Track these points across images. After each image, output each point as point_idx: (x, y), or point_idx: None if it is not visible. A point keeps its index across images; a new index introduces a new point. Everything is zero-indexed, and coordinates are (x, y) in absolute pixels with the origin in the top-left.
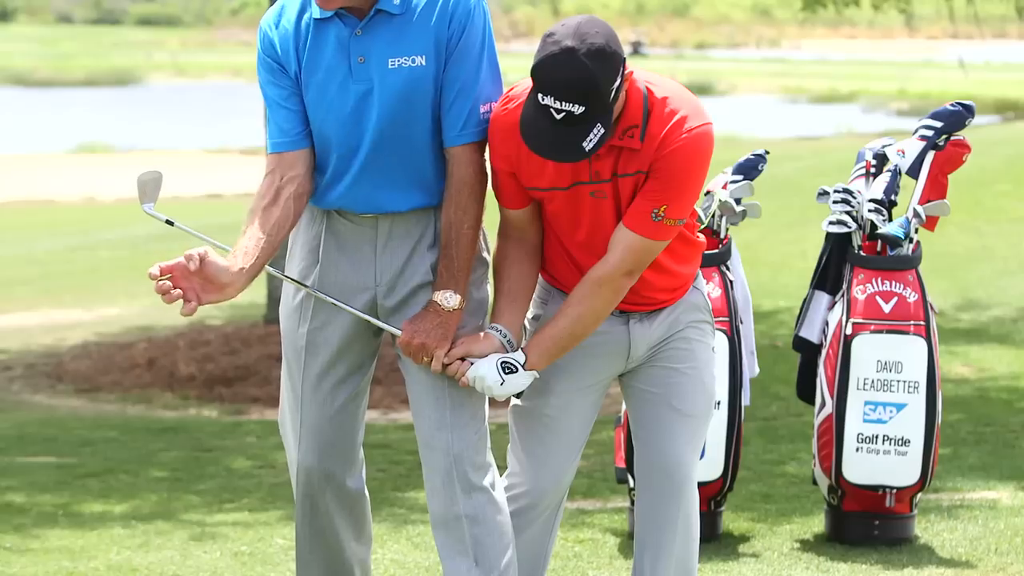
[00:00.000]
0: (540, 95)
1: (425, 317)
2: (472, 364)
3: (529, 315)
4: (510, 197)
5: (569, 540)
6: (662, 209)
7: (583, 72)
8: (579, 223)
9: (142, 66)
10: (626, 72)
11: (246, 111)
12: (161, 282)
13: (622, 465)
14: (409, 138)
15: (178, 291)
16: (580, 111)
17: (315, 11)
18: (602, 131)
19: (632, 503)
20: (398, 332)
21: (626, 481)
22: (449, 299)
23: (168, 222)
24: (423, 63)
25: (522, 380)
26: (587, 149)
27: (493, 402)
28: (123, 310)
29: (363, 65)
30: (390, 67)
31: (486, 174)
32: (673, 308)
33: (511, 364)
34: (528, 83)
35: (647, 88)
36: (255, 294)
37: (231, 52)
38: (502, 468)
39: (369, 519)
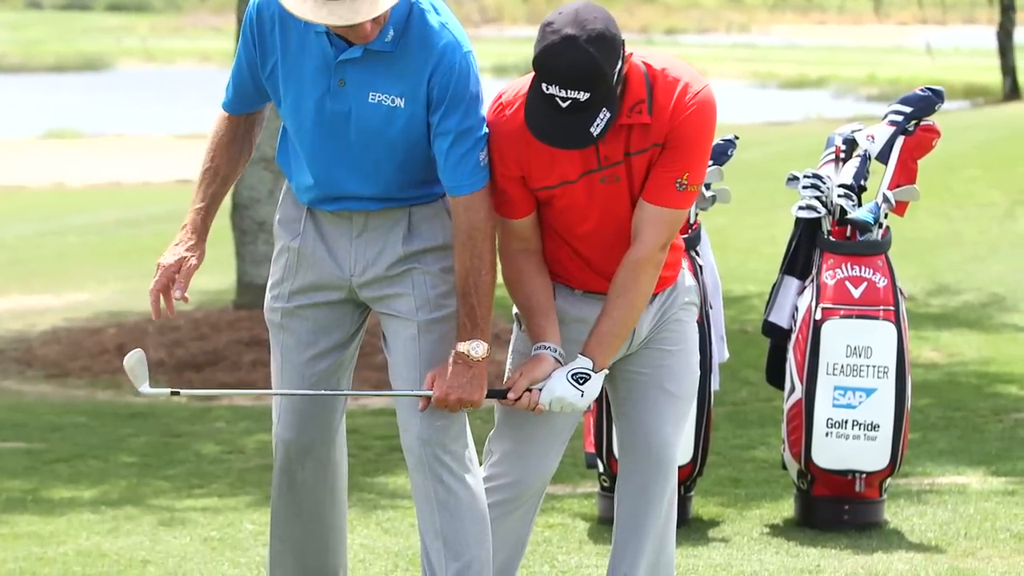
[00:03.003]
0: (544, 85)
1: (455, 371)
2: (540, 391)
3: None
4: (517, 204)
5: (539, 525)
6: (685, 177)
7: (586, 59)
8: (586, 215)
9: (111, 51)
10: (626, 55)
11: (216, 97)
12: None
13: (591, 450)
14: (383, 157)
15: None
16: (586, 98)
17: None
18: (608, 115)
19: (602, 488)
20: (429, 393)
21: (595, 466)
22: (476, 348)
23: (174, 393)
24: (401, 105)
25: (596, 383)
26: (595, 134)
27: None
28: (92, 295)
29: (343, 89)
30: (369, 100)
31: (494, 217)
32: (672, 289)
33: (582, 374)
34: (516, 85)
35: (643, 63)
36: (225, 280)
37: (200, 38)
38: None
39: (345, 493)
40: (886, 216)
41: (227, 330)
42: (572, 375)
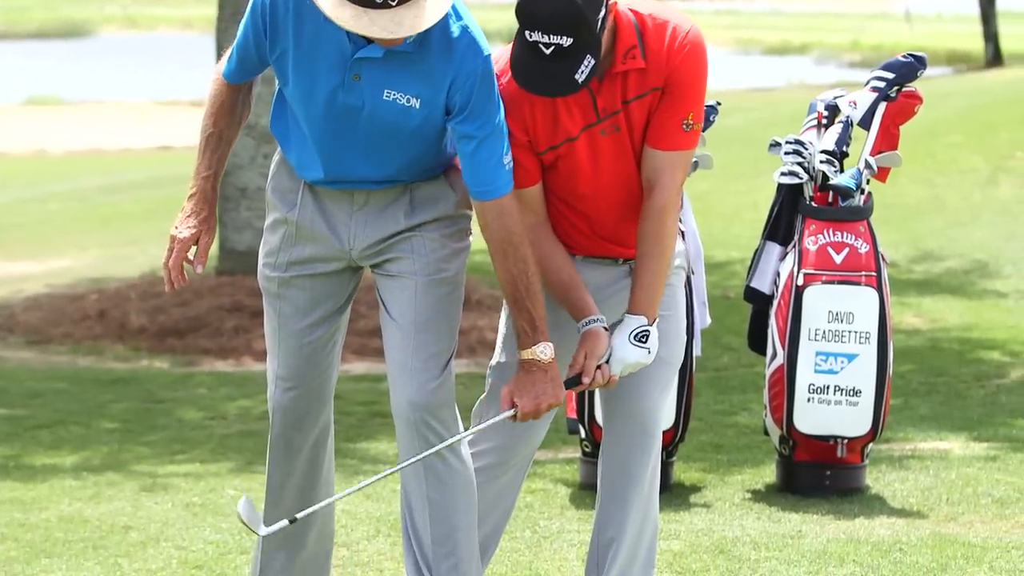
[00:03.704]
0: (528, 32)
1: (533, 379)
2: (608, 363)
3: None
4: (529, 171)
5: (521, 491)
6: (690, 117)
7: (567, 4)
8: (590, 173)
9: (93, 18)
10: (610, 3)
11: (197, 63)
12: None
13: (573, 416)
14: (393, 150)
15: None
16: (569, 43)
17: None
18: (592, 62)
19: (584, 453)
20: (511, 413)
21: (577, 432)
22: (544, 351)
23: (291, 520)
24: (416, 105)
25: (656, 336)
26: (579, 81)
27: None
28: (73, 262)
29: (357, 84)
30: (384, 97)
31: (526, 216)
32: None
33: (641, 332)
34: (506, 52)
35: (629, 9)
36: None
37: (182, 4)
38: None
39: (333, 457)
40: (868, 182)
41: (209, 296)
42: (634, 337)
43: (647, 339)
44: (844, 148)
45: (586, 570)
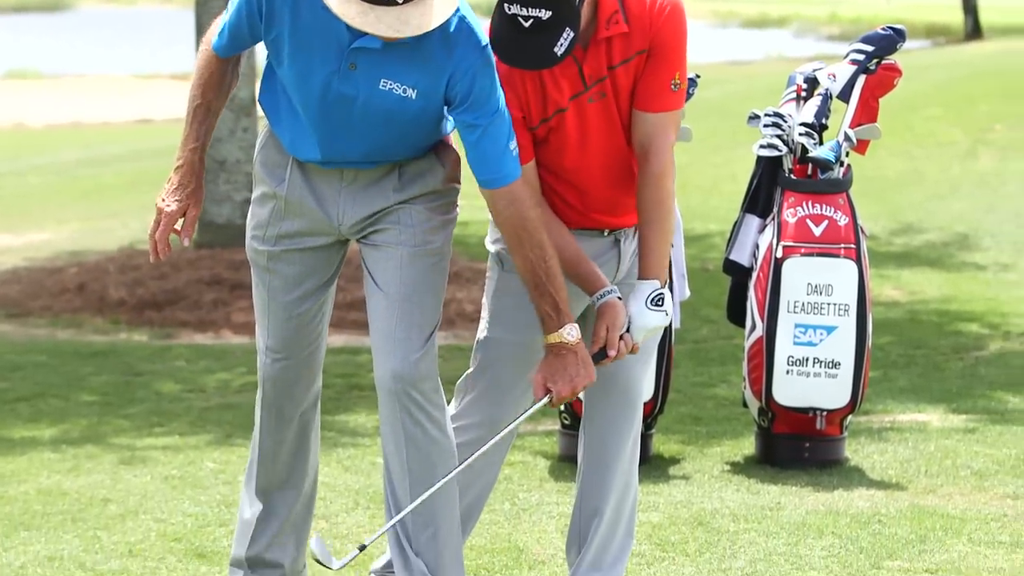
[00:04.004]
0: (506, 5)
1: (564, 362)
2: (629, 332)
3: (497, 247)
4: (524, 148)
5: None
6: (676, 77)
7: None
8: (578, 143)
9: None
10: None
11: (177, 37)
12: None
13: None
14: (387, 136)
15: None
16: (548, 15)
17: None
18: (572, 35)
19: (563, 426)
20: (546, 400)
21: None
22: (571, 333)
23: (361, 548)
24: (412, 96)
25: (669, 297)
26: (559, 54)
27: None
28: (53, 235)
29: (353, 72)
30: (380, 87)
31: (536, 200)
32: None
33: (657, 296)
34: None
35: None
36: None
37: None
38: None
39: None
40: (847, 154)
41: (187, 269)
42: (651, 302)
43: (663, 302)
44: (823, 120)
45: (567, 541)
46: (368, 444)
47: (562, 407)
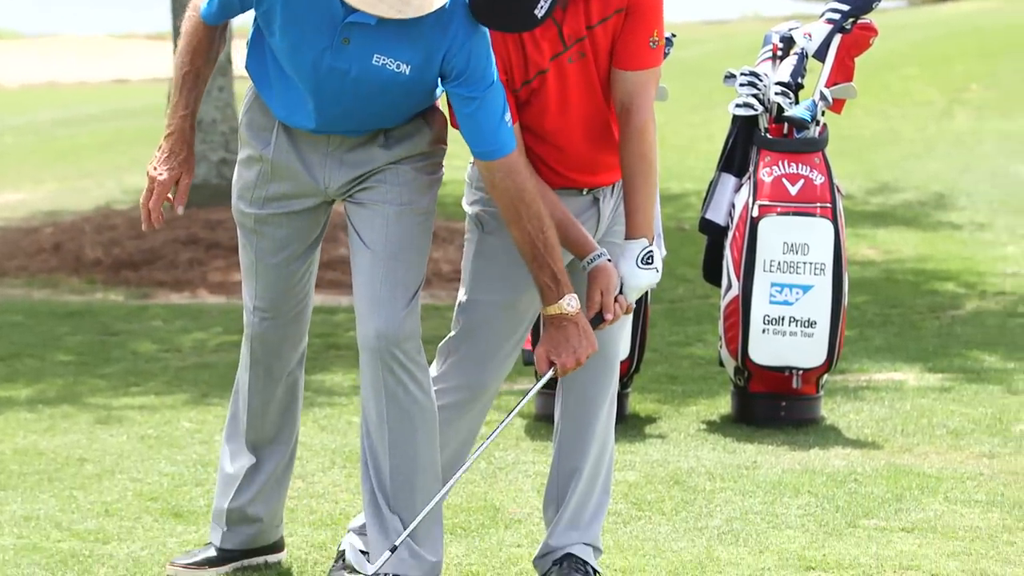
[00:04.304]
0: None
1: (567, 334)
2: (622, 293)
3: (476, 209)
4: (510, 110)
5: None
6: (655, 34)
7: None
8: (558, 104)
9: None
10: None
11: None
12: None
13: (529, 347)
14: (379, 109)
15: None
16: None
17: None
18: None
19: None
20: (551, 373)
21: (533, 363)
22: (571, 303)
23: (392, 549)
24: (406, 71)
25: (659, 254)
26: (539, 16)
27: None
28: (28, 195)
29: (346, 47)
30: (373, 62)
31: (529, 168)
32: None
33: (646, 254)
34: None
35: None
36: None
37: None
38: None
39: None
40: (823, 114)
41: (164, 229)
42: (641, 261)
43: (653, 259)
44: (799, 80)
45: (545, 500)
46: (345, 403)
47: None
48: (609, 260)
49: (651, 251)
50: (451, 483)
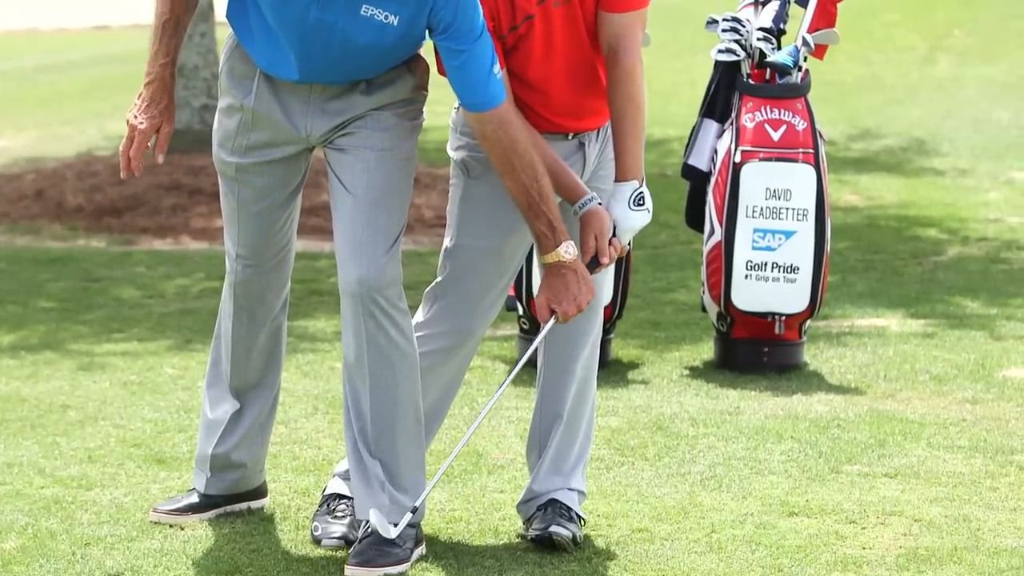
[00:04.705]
0: None
1: (566, 281)
2: (615, 235)
3: (461, 155)
4: (501, 59)
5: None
6: None
7: None
8: (544, 49)
9: None
10: None
11: None
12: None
13: (511, 293)
14: (366, 62)
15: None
16: None
17: None
18: None
19: (521, 331)
20: (552, 322)
21: (515, 309)
22: (568, 250)
23: (413, 510)
24: (394, 23)
25: (648, 194)
26: None
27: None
28: (10, 142)
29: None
30: (361, 13)
31: (520, 117)
32: (608, 127)
33: (637, 196)
34: None
35: None
36: None
37: None
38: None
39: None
40: (805, 59)
41: (147, 175)
42: (633, 202)
43: (644, 200)
44: (781, 25)
45: (527, 445)
46: (327, 350)
47: (520, 311)
48: (600, 204)
49: (642, 192)
50: (463, 442)
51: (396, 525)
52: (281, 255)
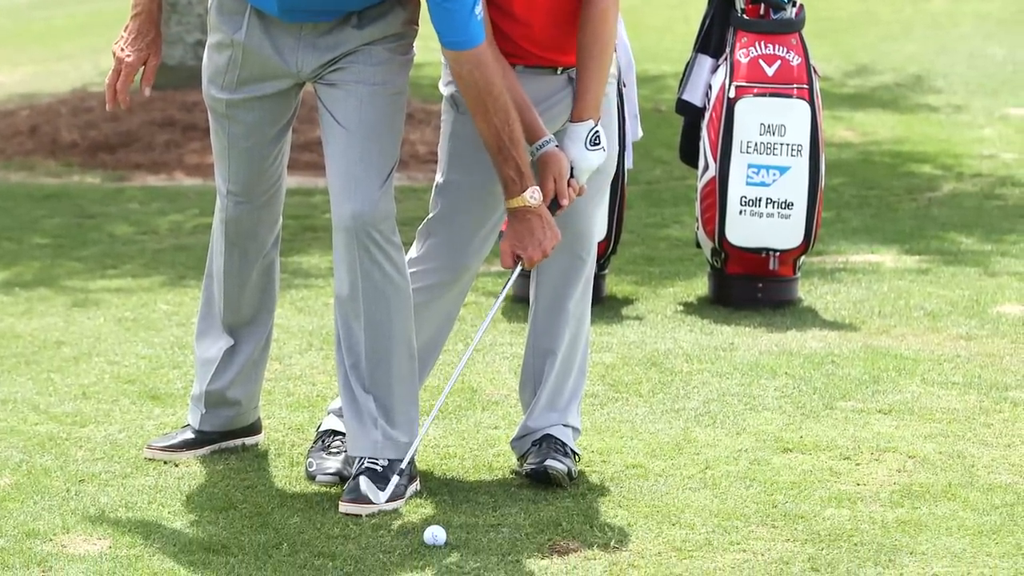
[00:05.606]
0: None
1: (531, 226)
2: (573, 176)
3: (451, 90)
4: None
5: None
6: None
7: None
8: None
9: None
10: None
11: None
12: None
13: (504, 228)
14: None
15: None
16: None
17: None
18: None
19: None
20: (519, 269)
21: None
22: (533, 196)
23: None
24: None
25: (604, 133)
26: None
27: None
28: (4, 78)
29: None
30: None
31: (498, 60)
32: None
33: (594, 135)
34: None
35: None
36: None
37: None
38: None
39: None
40: None
41: (140, 111)
42: (589, 142)
43: (600, 139)
44: None
45: (521, 382)
46: (321, 285)
47: None
48: (557, 146)
49: (598, 131)
50: (451, 382)
51: (387, 482)
52: (272, 191)
